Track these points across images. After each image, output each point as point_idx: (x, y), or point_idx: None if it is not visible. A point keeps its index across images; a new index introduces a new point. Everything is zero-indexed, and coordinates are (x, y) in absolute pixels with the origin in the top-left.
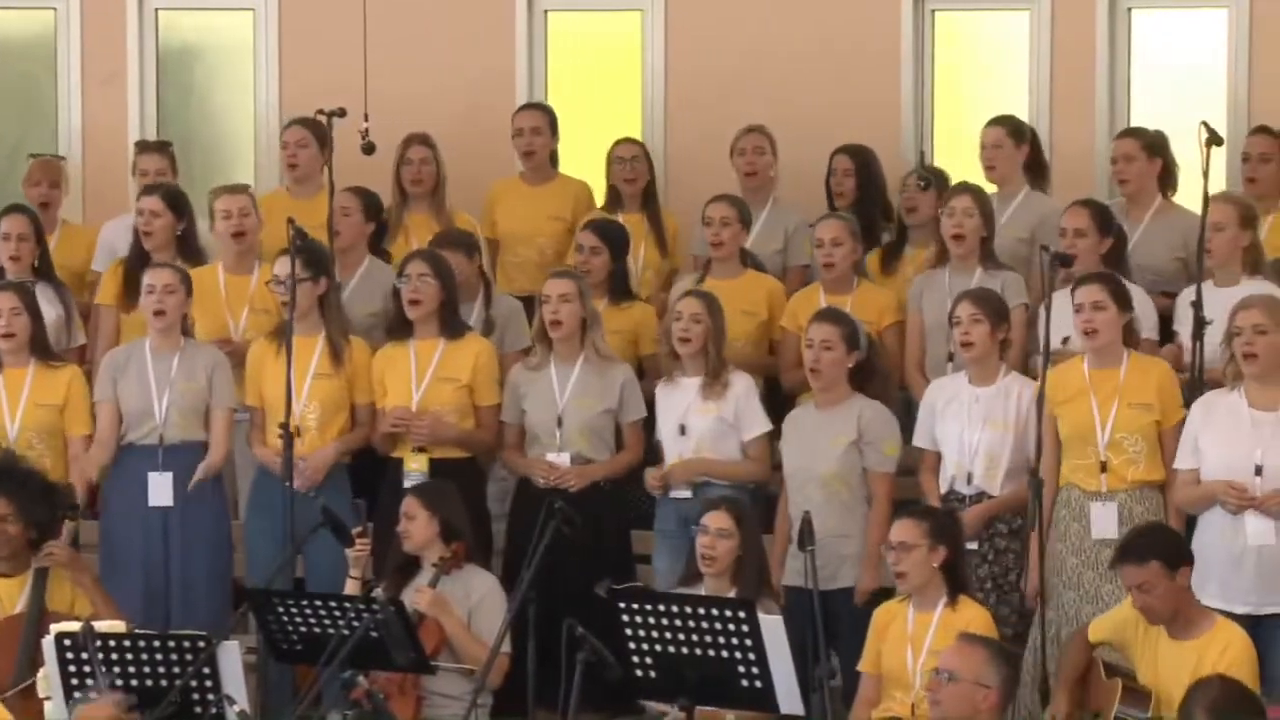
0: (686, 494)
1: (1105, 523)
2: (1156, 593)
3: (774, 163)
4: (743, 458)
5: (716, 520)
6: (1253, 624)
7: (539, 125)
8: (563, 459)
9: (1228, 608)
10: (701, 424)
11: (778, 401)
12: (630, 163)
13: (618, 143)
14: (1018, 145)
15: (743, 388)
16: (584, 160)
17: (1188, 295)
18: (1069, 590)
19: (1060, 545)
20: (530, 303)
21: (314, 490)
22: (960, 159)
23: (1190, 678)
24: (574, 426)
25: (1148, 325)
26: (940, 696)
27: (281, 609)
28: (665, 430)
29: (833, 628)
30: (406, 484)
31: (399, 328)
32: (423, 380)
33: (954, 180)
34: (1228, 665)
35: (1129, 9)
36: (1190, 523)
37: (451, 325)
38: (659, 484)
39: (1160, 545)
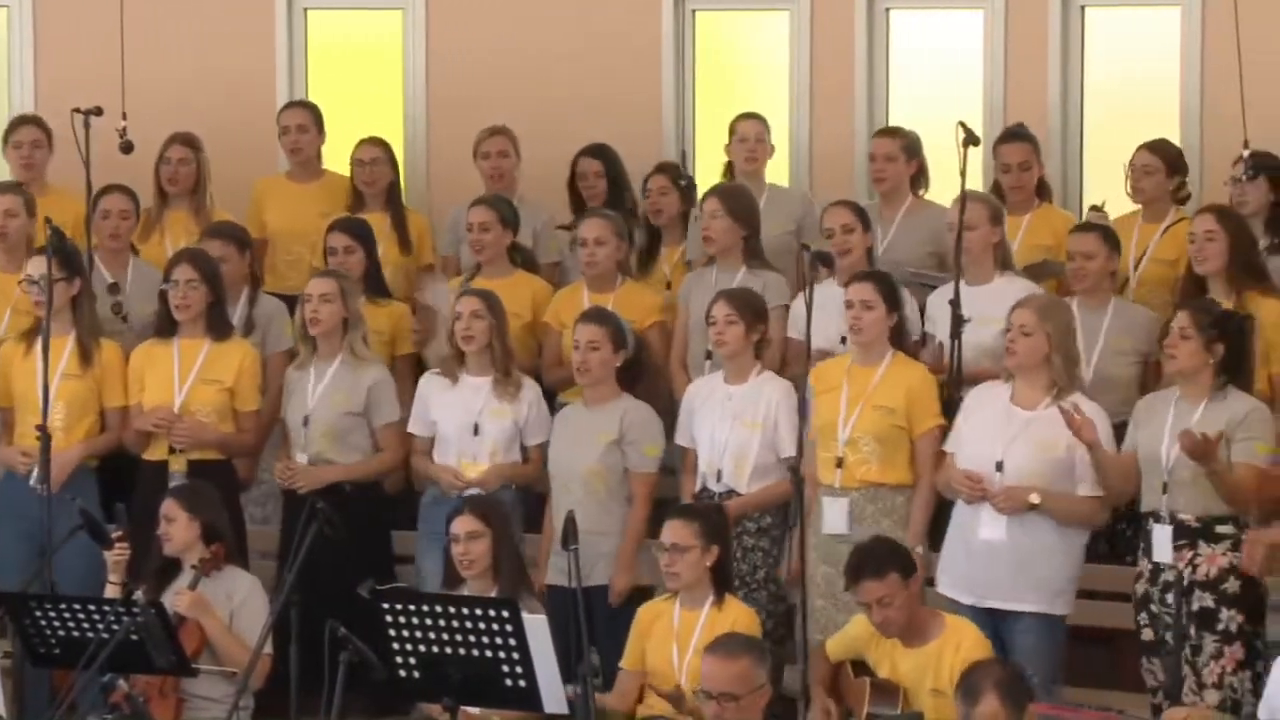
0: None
1: (835, 518)
2: (896, 604)
3: (517, 163)
4: (524, 461)
5: (464, 525)
6: (985, 616)
7: (305, 123)
8: (302, 460)
9: (957, 597)
10: (496, 426)
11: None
12: (370, 165)
13: (360, 144)
14: (768, 142)
15: (534, 394)
16: (345, 159)
17: (941, 294)
18: (809, 582)
19: (813, 540)
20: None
21: (69, 493)
22: (721, 157)
23: (933, 681)
24: (318, 427)
25: (914, 327)
26: (728, 717)
27: (39, 612)
28: (450, 429)
29: (593, 621)
30: (172, 485)
31: (165, 327)
32: (185, 380)
33: (715, 178)
34: (962, 661)
35: (887, 9)
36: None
37: (218, 326)
38: (460, 485)
39: (893, 556)
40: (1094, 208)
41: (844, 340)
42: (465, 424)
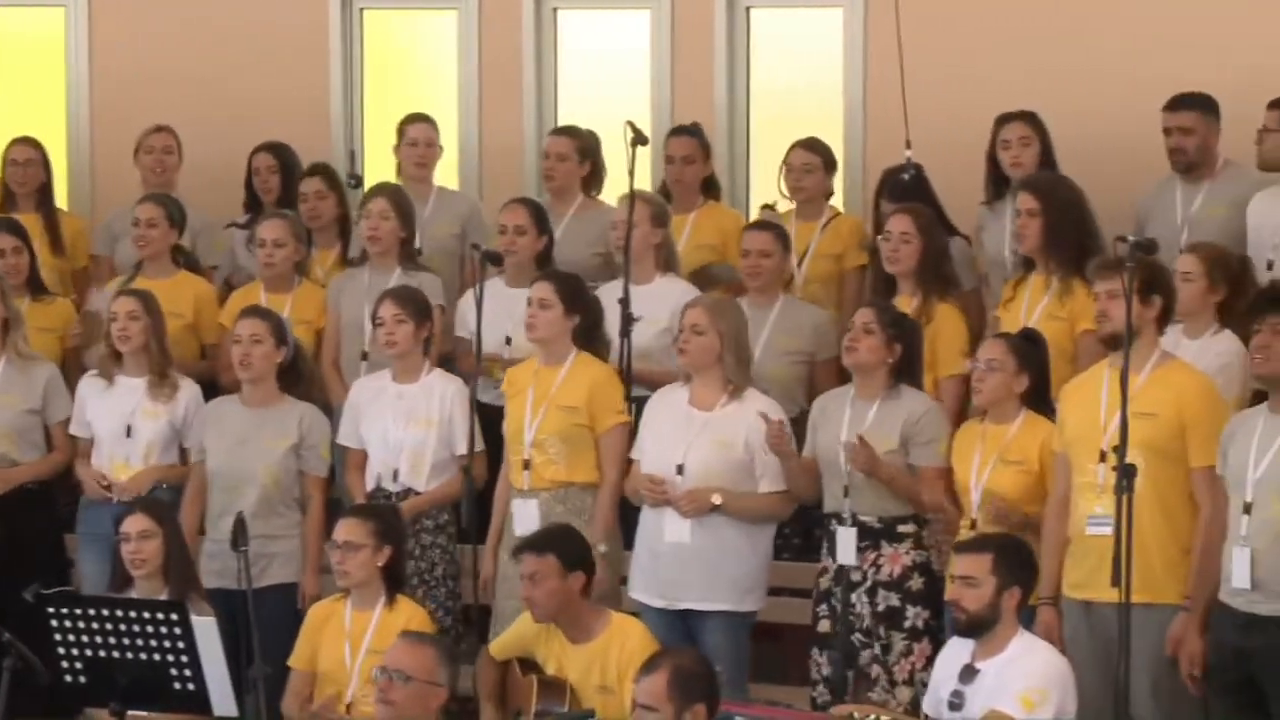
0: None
1: (526, 519)
2: (544, 587)
3: (179, 163)
4: (181, 463)
5: (137, 524)
6: (676, 618)
7: None
8: None
9: (647, 600)
10: (150, 428)
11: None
12: (24, 166)
13: (12, 143)
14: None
15: (191, 394)
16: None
17: (608, 291)
18: (504, 582)
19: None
20: None
21: None
22: (391, 158)
23: (599, 678)
24: None
25: None
26: (393, 697)
27: None
28: (104, 431)
29: (259, 625)
30: None
31: None
32: None
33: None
34: (629, 658)
35: (555, 9)
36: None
37: None
38: (103, 490)
39: (561, 543)
40: (766, 206)
41: (508, 340)
42: (118, 425)
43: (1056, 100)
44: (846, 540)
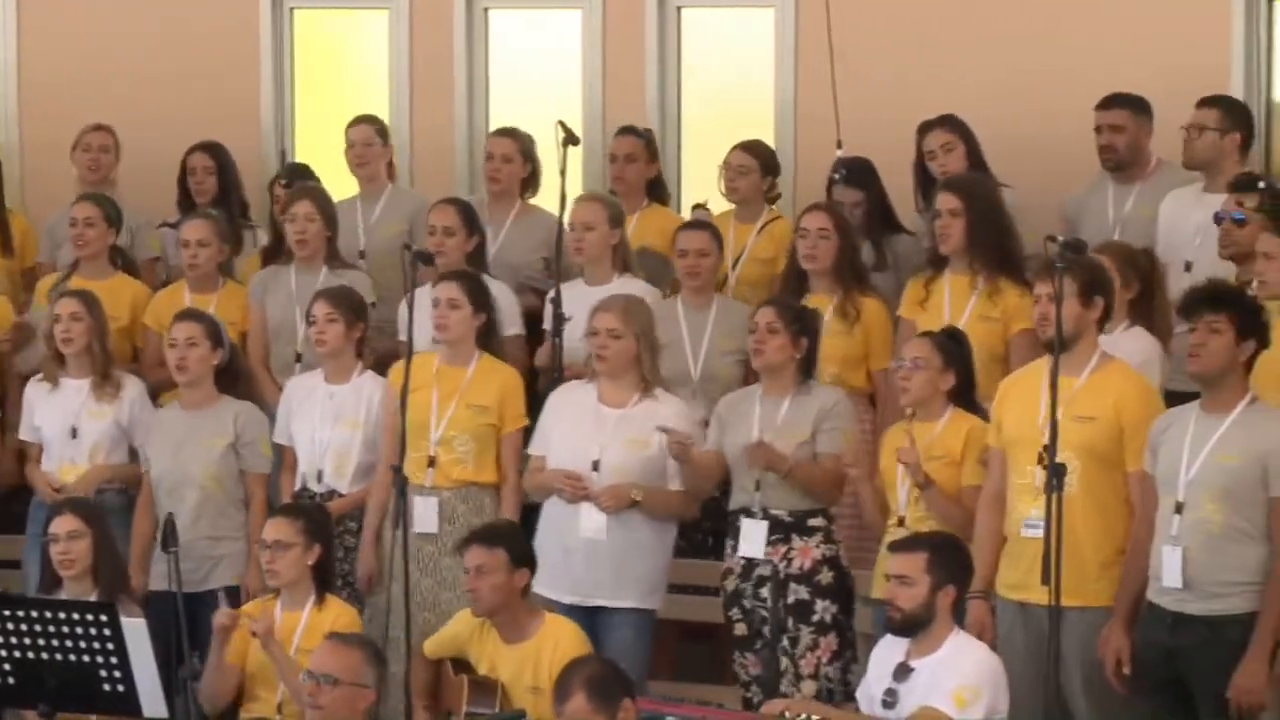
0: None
1: (426, 517)
2: (491, 580)
3: (116, 163)
4: (131, 462)
5: (65, 524)
6: (586, 614)
7: None
8: None
9: (556, 597)
10: (96, 429)
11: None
12: None
13: None
14: (385, 144)
15: (136, 392)
16: None
17: (567, 291)
18: (397, 583)
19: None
20: None
21: None
22: (322, 158)
23: (531, 679)
24: None
25: (511, 322)
26: (322, 701)
27: None
28: (51, 433)
29: (204, 627)
30: None
31: None
32: None
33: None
34: (561, 659)
35: (486, 9)
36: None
37: None
38: (55, 494)
39: (511, 539)
40: (698, 205)
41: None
42: (64, 427)
43: (988, 101)
44: (755, 533)
